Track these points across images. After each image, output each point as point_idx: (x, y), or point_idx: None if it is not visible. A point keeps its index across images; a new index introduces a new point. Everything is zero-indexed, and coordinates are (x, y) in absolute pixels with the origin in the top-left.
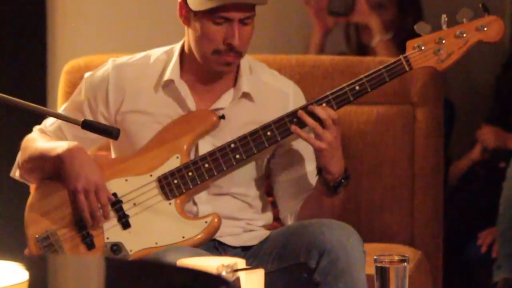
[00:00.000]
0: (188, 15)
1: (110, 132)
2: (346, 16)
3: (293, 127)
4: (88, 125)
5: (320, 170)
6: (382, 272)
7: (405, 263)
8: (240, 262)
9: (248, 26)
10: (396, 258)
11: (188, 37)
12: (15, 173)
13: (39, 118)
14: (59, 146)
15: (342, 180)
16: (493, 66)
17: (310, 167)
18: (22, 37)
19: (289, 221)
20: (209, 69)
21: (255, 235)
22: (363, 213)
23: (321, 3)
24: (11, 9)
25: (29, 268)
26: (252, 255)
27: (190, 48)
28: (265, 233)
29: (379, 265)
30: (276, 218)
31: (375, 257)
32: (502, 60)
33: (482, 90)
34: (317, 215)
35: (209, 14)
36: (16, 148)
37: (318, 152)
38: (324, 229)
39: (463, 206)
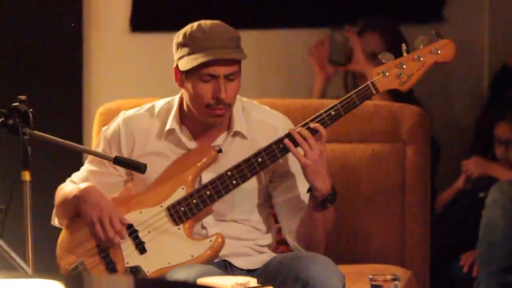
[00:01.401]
0: (181, 78)
1: (138, 166)
2: (344, 65)
3: (286, 140)
4: (119, 161)
5: (310, 188)
6: None
7: (397, 282)
8: (252, 281)
9: (234, 82)
10: (389, 277)
11: (184, 96)
12: (55, 221)
13: (75, 156)
14: (75, 189)
15: (329, 196)
16: (474, 109)
17: (303, 189)
18: (61, 83)
19: (288, 238)
20: (204, 122)
21: (260, 259)
22: (359, 237)
23: (323, 54)
24: (51, 56)
25: (67, 286)
26: (256, 277)
27: (187, 103)
28: (269, 255)
29: (373, 283)
30: (282, 242)
31: (370, 276)
32: (482, 104)
33: (464, 130)
34: (311, 231)
35: (197, 74)
36: (51, 178)
37: (304, 169)
38: (310, 265)
39: (447, 231)
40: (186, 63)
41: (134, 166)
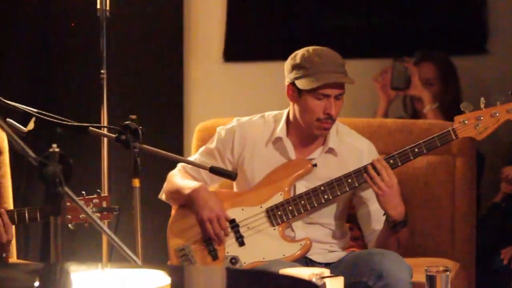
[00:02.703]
0: (294, 94)
1: (230, 175)
2: (404, 90)
3: (365, 175)
4: (214, 170)
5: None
6: (431, 279)
7: (448, 272)
8: (326, 271)
9: (340, 101)
10: (441, 268)
11: (293, 109)
12: (162, 196)
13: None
14: (188, 187)
15: (399, 223)
16: None
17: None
18: (165, 104)
19: (369, 245)
20: (311, 133)
21: (335, 255)
22: (417, 235)
23: (386, 80)
24: (156, 81)
25: (171, 274)
26: (332, 269)
27: (294, 116)
28: (342, 253)
29: (428, 274)
30: (352, 238)
31: (425, 268)
32: None
33: (504, 145)
34: (385, 246)
35: (313, 93)
36: (157, 184)
37: (376, 196)
38: (385, 260)
39: (490, 230)
40: (306, 84)
41: (227, 175)
